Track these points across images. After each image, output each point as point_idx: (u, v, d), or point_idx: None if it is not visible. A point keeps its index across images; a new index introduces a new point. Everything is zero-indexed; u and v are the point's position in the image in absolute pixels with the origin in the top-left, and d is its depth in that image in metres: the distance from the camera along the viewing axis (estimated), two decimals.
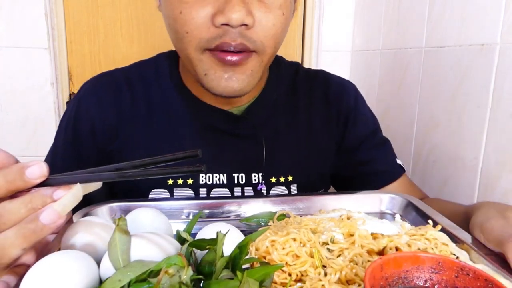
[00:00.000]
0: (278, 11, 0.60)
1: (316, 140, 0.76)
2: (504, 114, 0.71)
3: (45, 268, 0.34)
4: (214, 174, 0.71)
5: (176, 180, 0.70)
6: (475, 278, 0.35)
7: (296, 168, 0.74)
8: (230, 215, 0.61)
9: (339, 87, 0.80)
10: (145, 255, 0.37)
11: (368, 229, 0.47)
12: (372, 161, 0.77)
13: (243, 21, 0.56)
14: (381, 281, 0.34)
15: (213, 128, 0.72)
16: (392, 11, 1.15)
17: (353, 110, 0.78)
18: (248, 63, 0.61)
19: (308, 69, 0.83)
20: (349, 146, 0.78)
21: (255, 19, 0.58)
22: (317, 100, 0.78)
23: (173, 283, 0.32)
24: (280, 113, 0.75)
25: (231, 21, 0.55)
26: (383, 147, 0.80)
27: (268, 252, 0.43)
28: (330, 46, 1.49)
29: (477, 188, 0.78)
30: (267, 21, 0.59)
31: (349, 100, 0.79)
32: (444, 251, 0.45)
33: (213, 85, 0.61)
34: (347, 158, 0.79)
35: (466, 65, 0.80)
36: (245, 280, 0.32)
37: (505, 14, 0.70)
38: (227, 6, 0.55)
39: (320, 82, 0.80)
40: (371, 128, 0.80)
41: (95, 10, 1.42)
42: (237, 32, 0.57)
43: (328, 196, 0.63)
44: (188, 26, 0.58)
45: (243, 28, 0.57)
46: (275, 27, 0.60)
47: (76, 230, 0.43)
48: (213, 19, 0.57)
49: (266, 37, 0.60)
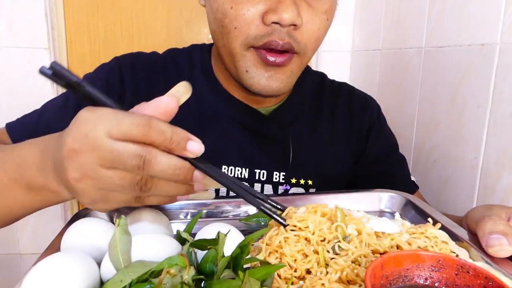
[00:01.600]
0: (323, 15, 0.62)
1: (337, 149, 0.78)
2: (504, 114, 0.71)
3: (46, 269, 0.34)
4: (237, 167, 0.72)
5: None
6: (475, 276, 0.35)
7: (316, 173, 0.76)
8: (229, 215, 0.61)
9: (363, 100, 0.83)
10: (146, 255, 0.37)
11: (371, 227, 0.47)
12: (389, 176, 0.78)
13: (293, 21, 0.57)
14: (381, 280, 0.34)
15: (241, 124, 0.73)
16: (392, 11, 1.15)
17: (376, 124, 0.81)
18: (290, 64, 0.62)
19: (332, 80, 0.86)
20: (368, 158, 0.80)
21: (303, 21, 0.59)
22: (341, 111, 0.80)
23: (175, 283, 0.32)
24: (305, 118, 0.77)
25: (283, 20, 0.57)
26: (400, 164, 0.81)
27: (281, 246, 0.43)
28: (330, 46, 1.49)
29: (477, 188, 0.78)
30: (313, 24, 0.61)
31: (372, 114, 0.81)
32: (444, 249, 0.45)
33: (253, 83, 0.63)
34: (364, 170, 0.80)
35: (466, 65, 0.80)
36: (247, 280, 0.32)
37: (505, 14, 0.70)
38: (281, 5, 0.57)
39: (344, 94, 0.82)
40: (390, 144, 0.82)
41: (95, 10, 1.42)
42: (285, 32, 0.58)
43: (328, 195, 0.63)
44: (237, 21, 0.59)
45: (291, 28, 0.59)
46: (319, 31, 0.62)
47: (77, 230, 0.43)
48: (264, 17, 0.58)
49: (310, 39, 0.61)
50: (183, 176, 0.39)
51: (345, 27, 1.47)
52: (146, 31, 1.44)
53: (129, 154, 0.36)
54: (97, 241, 0.42)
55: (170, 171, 0.38)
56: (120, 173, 0.37)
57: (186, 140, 0.38)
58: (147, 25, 1.44)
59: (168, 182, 0.39)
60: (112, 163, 0.37)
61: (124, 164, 0.37)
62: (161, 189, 0.40)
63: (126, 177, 0.38)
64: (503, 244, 0.44)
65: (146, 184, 0.38)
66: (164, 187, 0.40)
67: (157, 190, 0.39)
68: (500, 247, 0.44)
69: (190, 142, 0.39)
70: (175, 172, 0.38)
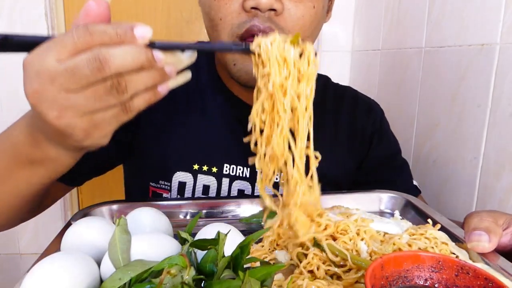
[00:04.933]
0: (308, 3, 0.61)
1: (339, 154, 0.78)
2: (504, 114, 0.71)
3: (46, 269, 0.34)
4: (239, 166, 0.73)
5: (202, 167, 0.71)
6: (475, 277, 0.35)
7: (318, 176, 0.74)
8: (229, 215, 0.61)
9: (367, 105, 0.83)
10: (145, 255, 0.37)
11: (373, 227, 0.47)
12: (391, 182, 0.77)
13: (271, 5, 0.58)
14: (381, 280, 0.34)
15: (244, 124, 0.73)
16: (392, 11, 1.15)
17: (378, 130, 0.81)
18: None
19: (336, 84, 0.85)
20: (371, 163, 0.80)
21: (284, 7, 0.60)
22: (344, 115, 0.80)
23: (175, 283, 0.32)
24: None
25: (260, 4, 0.57)
26: (402, 169, 0.81)
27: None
28: (330, 46, 1.49)
29: (477, 188, 0.78)
30: (296, 11, 0.61)
31: (375, 119, 0.81)
32: (444, 250, 0.45)
33: (241, 74, 0.64)
34: (366, 176, 0.80)
35: (466, 65, 0.80)
36: (247, 280, 0.32)
37: (505, 14, 0.70)
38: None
39: (348, 98, 0.82)
40: (393, 150, 0.83)
41: None
42: (266, 17, 0.59)
43: (328, 195, 0.63)
44: (221, 12, 0.60)
45: (272, 13, 0.59)
46: (304, 19, 0.61)
47: (77, 230, 0.43)
48: (244, 4, 0.59)
49: (293, 27, 0.61)
50: (145, 57, 0.38)
51: (345, 27, 1.47)
52: None
53: (83, 63, 0.36)
54: (97, 240, 0.42)
55: (130, 58, 0.37)
56: (90, 89, 0.37)
57: (131, 28, 0.37)
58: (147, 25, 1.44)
59: (139, 73, 0.38)
60: (76, 82, 0.36)
61: (86, 75, 0.36)
62: (136, 84, 0.38)
63: (97, 89, 0.37)
64: (482, 240, 0.45)
65: (119, 84, 0.38)
66: (138, 80, 0.38)
67: (133, 86, 0.38)
68: (477, 242, 0.45)
69: (135, 28, 0.37)
70: (134, 57, 0.37)
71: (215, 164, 0.72)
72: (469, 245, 0.46)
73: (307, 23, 0.62)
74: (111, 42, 0.37)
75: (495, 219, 0.48)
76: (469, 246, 0.46)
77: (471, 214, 0.50)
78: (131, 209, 0.50)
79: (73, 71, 0.36)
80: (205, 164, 0.71)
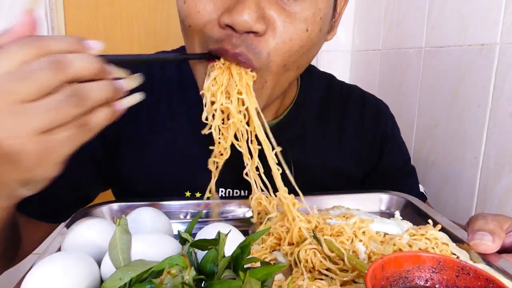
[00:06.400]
0: (301, 24, 0.50)
1: (346, 162, 0.72)
2: (504, 114, 0.71)
3: (46, 269, 0.34)
4: (235, 190, 0.66)
5: (194, 194, 0.65)
6: (475, 278, 0.35)
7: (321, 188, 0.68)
8: (229, 215, 0.61)
9: (376, 109, 0.76)
10: (146, 255, 0.37)
11: (373, 228, 0.47)
12: (398, 190, 0.71)
13: (250, 27, 0.46)
14: (382, 281, 0.34)
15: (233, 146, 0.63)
16: (392, 11, 1.15)
17: (390, 138, 0.75)
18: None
19: (341, 82, 0.77)
20: (379, 173, 0.75)
21: (269, 27, 0.48)
22: (351, 119, 0.73)
23: (175, 283, 0.32)
24: (310, 130, 0.70)
25: (236, 24, 0.46)
26: (410, 176, 0.77)
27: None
28: (330, 46, 1.48)
29: (477, 188, 0.78)
30: (283, 32, 0.49)
31: (386, 126, 0.75)
32: (445, 251, 0.45)
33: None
34: (373, 183, 0.75)
35: (466, 65, 0.80)
36: (248, 280, 0.32)
37: (505, 14, 0.71)
38: (237, 5, 0.46)
39: (355, 99, 0.75)
40: (403, 158, 0.78)
41: (95, 10, 1.42)
42: (240, 39, 0.48)
43: (328, 196, 0.63)
44: (191, 18, 0.50)
45: (250, 36, 0.48)
46: (291, 43, 0.50)
47: (77, 230, 0.43)
48: (220, 18, 0.48)
49: (276, 50, 0.49)
50: (98, 66, 0.37)
51: (345, 27, 1.47)
52: (146, 31, 1.44)
53: (40, 67, 0.34)
54: (97, 241, 0.42)
55: (85, 64, 0.36)
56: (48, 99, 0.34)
57: (80, 39, 0.37)
58: (147, 25, 1.44)
59: (97, 83, 0.37)
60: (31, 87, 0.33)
61: (43, 79, 0.34)
62: (94, 93, 0.36)
63: (55, 96, 0.34)
64: (485, 239, 0.44)
65: (77, 92, 0.35)
66: (95, 89, 0.37)
67: (93, 95, 0.36)
68: (480, 241, 0.45)
69: (85, 40, 0.38)
70: (89, 63, 0.36)
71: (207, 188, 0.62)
72: (471, 243, 0.45)
73: (295, 48, 0.50)
74: (63, 51, 0.36)
75: (500, 223, 0.47)
76: (471, 243, 0.45)
77: (477, 216, 0.49)
78: (131, 209, 0.51)
79: (29, 75, 0.33)
80: (198, 191, 0.64)
